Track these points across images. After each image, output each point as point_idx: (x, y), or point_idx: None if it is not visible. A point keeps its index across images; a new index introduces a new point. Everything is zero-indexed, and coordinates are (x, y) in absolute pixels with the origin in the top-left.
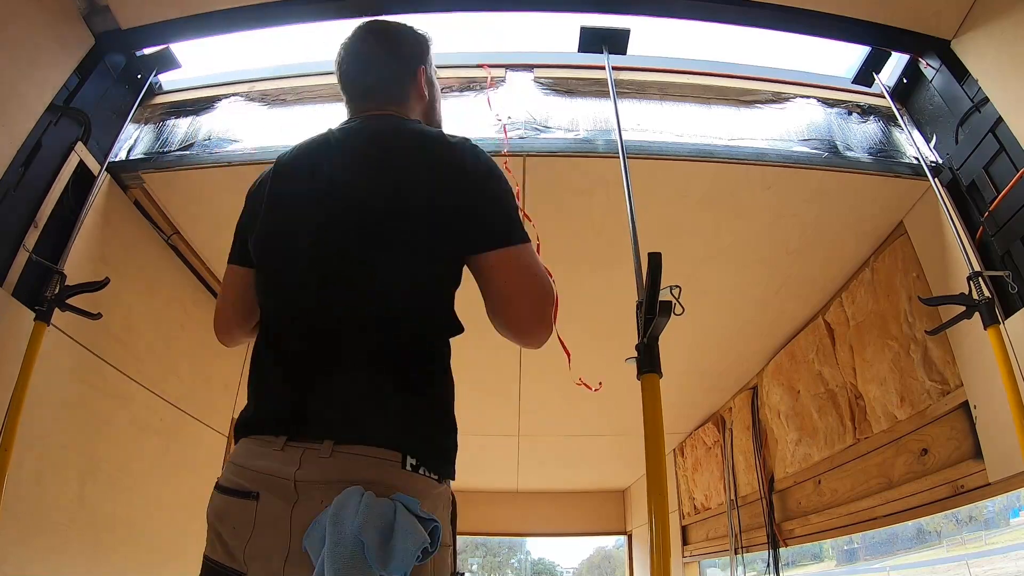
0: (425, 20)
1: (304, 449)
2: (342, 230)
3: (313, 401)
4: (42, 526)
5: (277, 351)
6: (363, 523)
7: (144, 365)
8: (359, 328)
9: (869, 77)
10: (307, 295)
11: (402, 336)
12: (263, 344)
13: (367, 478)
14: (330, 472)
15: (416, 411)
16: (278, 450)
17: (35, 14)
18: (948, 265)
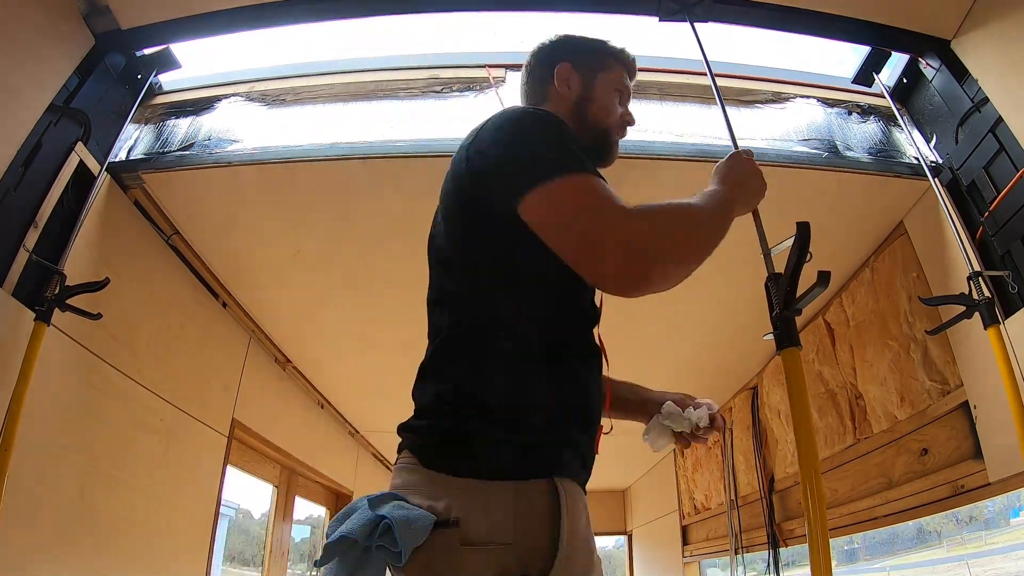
0: (425, 20)
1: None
2: None
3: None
4: (42, 526)
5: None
6: (335, 520)
7: (144, 365)
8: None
9: (869, 77)
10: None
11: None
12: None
13: (396, 484)
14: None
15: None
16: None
17: (35, 14)
18: (948, 265)
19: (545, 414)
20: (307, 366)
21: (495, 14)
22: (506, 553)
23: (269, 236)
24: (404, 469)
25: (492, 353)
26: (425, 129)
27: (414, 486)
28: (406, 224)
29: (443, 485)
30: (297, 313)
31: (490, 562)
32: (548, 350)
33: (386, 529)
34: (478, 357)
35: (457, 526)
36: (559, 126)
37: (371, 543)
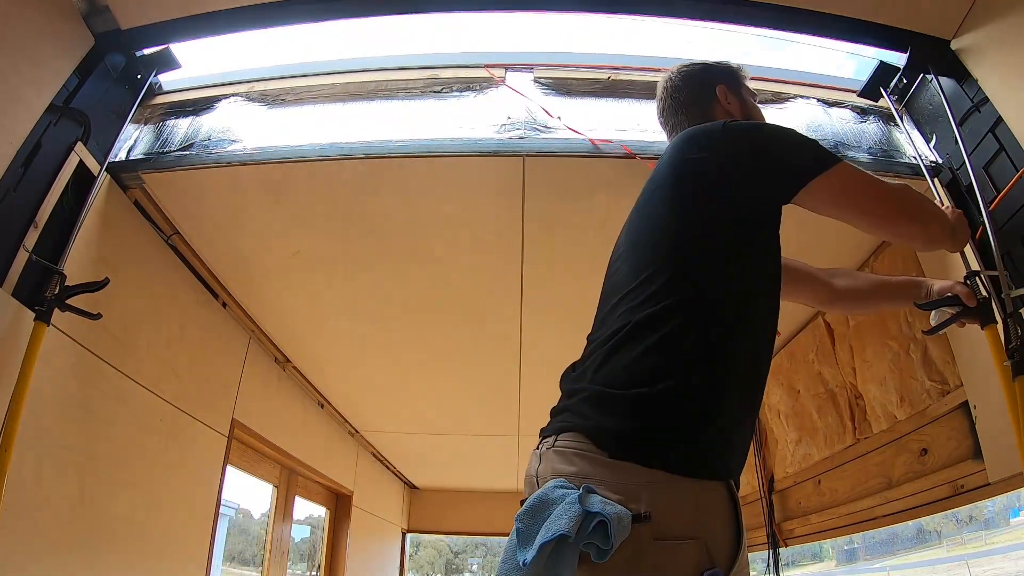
0: (425, 20)
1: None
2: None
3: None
4: (42, 526)
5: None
6: (525, 510)
7: (144, 365)
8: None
9: (876, 93)
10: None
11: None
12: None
13: (570, 471)
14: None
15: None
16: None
17: (35, 14)
18: (948, 265)
19: (737, 418)
20: (307, 366)
21: (495, 14)
22: (695, 548)
23: (269, 236)
24: (580, 456)
25: (702, 347)
26: (425, 129)
27: (599, 477)
28: (406, 224)
29: (632, 477)
30: (297, 313)
31: (682, 557)
32: (752, 355)
33: (599, 526)
34: (689, 349)
35: (649, 520)
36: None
37: (579, 541)
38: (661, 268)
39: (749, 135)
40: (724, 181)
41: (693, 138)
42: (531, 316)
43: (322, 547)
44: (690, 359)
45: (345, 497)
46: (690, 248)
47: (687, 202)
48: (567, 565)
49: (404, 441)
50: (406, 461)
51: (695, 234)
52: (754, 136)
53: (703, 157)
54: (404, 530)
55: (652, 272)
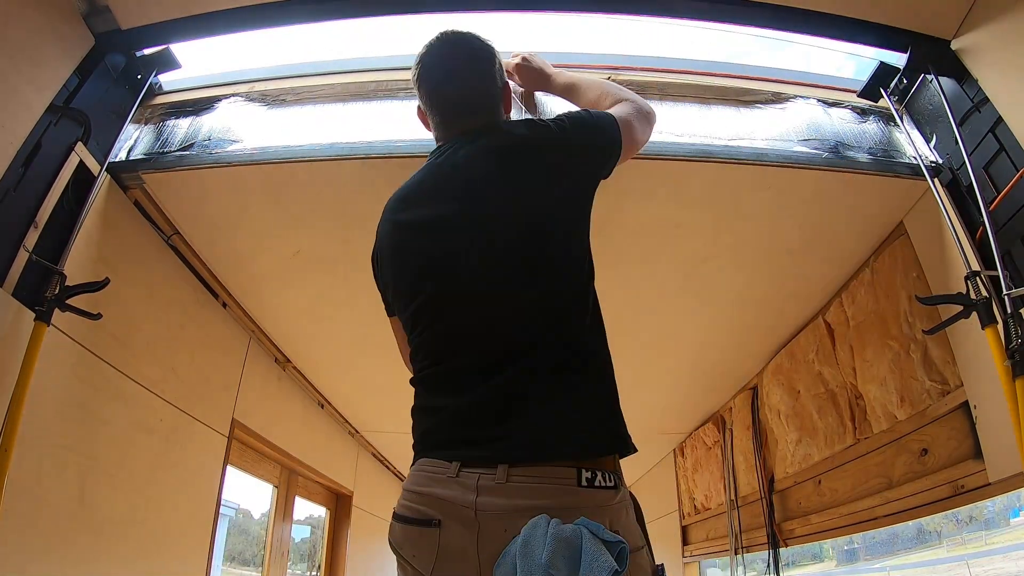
0: (425, 20)
1: (479, 476)
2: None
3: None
4: (42, 526)
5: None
6: (552, 554)
7: (144, 365)
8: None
9: (876, 93)
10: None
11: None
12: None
13: (546, 504)
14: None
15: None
16: (452, 476)
17: (35, 14)
18: (948, 265)
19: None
20: (307, 366)
21: (495, 14)
22: (646, 552)
23: (269, 236)
24: (547, 487)
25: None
26: (425, 129)
27: (574, 506)
28: None
29: (599, 500)
30: (297, 313)
31: (643, 563)
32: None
33: (620, 553)
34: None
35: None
36: None
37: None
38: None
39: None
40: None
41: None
42: None
43: (322, 547)
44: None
45: (345, 497)
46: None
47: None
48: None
49: (404, 441)
50: (406, 461)
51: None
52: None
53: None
54: None
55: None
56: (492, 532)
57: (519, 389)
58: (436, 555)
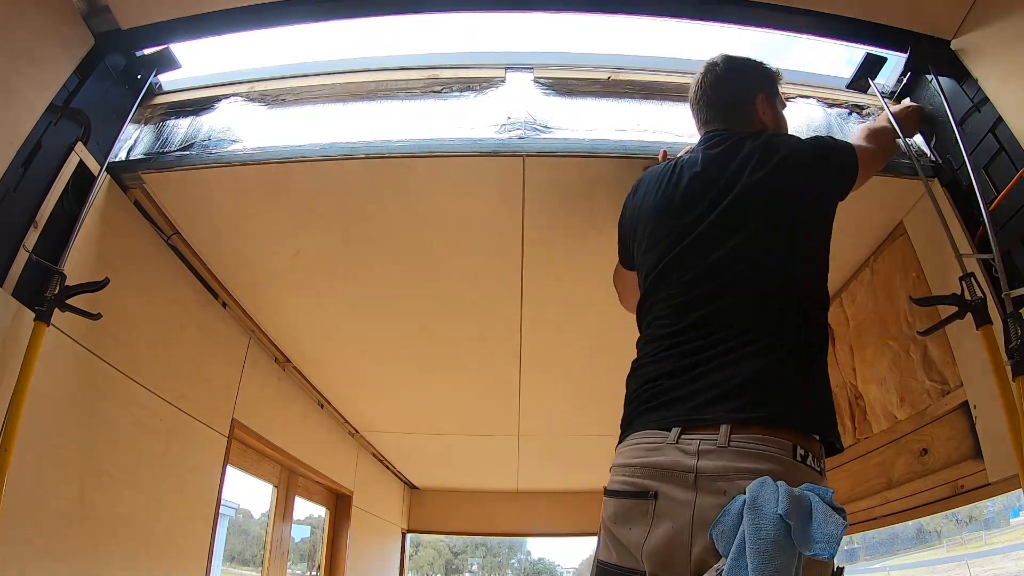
0: (425, 20)
1: (700, 441)
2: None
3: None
4: (42, 526)
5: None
6: (789, 507)
7: (144, 365)
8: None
9: (864, 84)
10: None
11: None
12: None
13: (768, 469)
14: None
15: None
16: (672, 443)
17: (35, 14)
18: (948, 265)
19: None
20: (307, 366)
21: (495, 14)
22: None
23: (269, 236)
24: (766, 457)
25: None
26: (425, 129)
27: (789, 477)
28: (406, 224)
29: (810, 479)
30: (297, 313)
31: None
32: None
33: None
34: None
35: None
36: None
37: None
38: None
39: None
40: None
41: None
42: (531, 316)
43: (322, 547)
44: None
45: (345, 497)
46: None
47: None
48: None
49: (404, 441)
50: (406, 461)
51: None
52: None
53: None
54: (404, 530)
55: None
56: (711, 493)
57: (749, 357)
58: (650, 525)
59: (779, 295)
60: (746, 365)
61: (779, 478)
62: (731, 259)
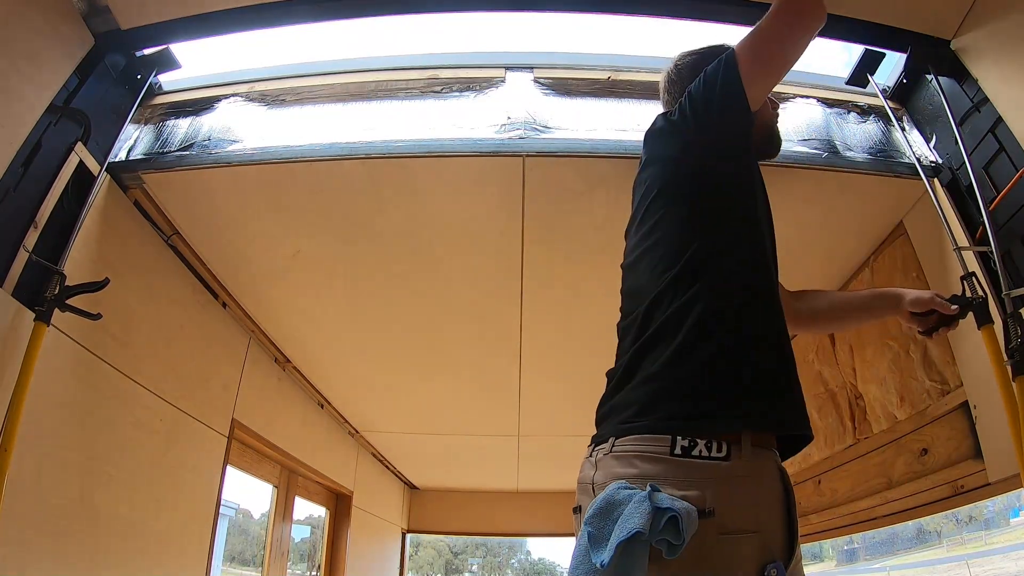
0: (425, 20)
1: (598, 451)
2: None
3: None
4: (42, 526)
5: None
6: (593, 513)
7: (144, 365)
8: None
9: (863, 79)
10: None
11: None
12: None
13: (630, 473)
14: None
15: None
16: (587, 457)
17: (34, 14)
18: (947, 265)
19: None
20: (307, 366)
21: (495, 14)
22: (757, 541)
23: (269, 236)
24: (641, 457)
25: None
26: (425, 129)
27: (663, 475)
28: (406, 224)
29: (695, 472)
30: (297, 313)
31: (744, 551)
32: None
33: (670, 522)
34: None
35: (713, 515)
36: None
37: (652, 538)
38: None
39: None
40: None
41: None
42: (531, 315)
43: (322, 547)
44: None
45: (345, 497)
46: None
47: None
48: (640, 563)
49: (404, 441)
50: (406, 461)
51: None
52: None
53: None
54: (404, 530)
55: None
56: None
57: (621, 362)
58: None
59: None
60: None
61: (639, 481)
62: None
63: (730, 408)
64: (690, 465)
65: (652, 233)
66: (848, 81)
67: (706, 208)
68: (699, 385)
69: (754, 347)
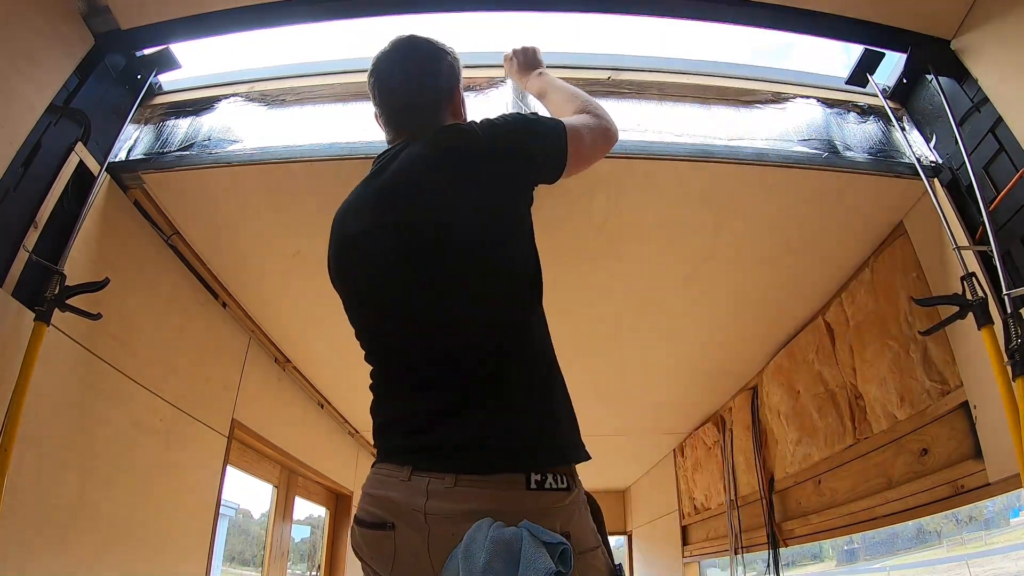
0: (425, 20)
1: (429, 480)
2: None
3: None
4: (42, 526)
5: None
6: (490, 557)
7: (144, 365)
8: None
9: (863, 78)
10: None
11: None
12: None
13: (491, 508)
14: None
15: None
16: (404, 480)
17: (35, 15)
18: (947, 265)
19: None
20: (307, 366)
21: (494, 14)
22: (601, 552)
23: (269, 236)
24: (493, 492)
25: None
26: None
27: (519, 509)
28: None
29: (547, 502)
30: (297, 313)
31: (597, 563)
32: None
33: (563, 555)
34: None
35: (571, 539)
36: None
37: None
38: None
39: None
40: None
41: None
42: None
43: (322, 547)
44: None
45: (345, 497)
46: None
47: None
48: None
49: None
50: None
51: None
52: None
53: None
54: None
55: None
56: (441, 536)
57: (456, 400)
58: (394, 557)
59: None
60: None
61: (503, 516)
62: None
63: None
64: (543, 497)
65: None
66: (848, 81)
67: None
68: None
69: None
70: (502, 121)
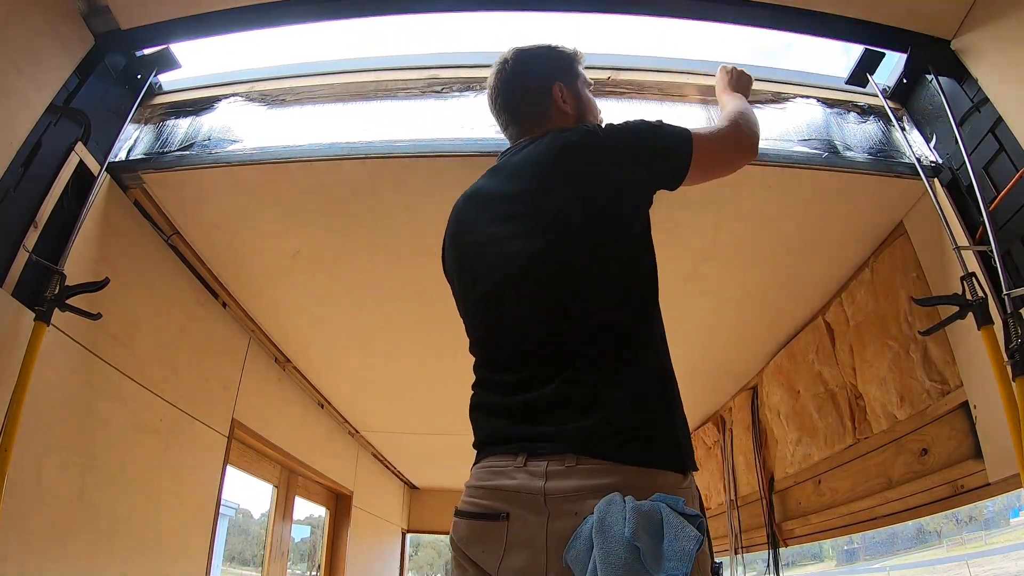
0: (425, 20)
1: (548, 462)
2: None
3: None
4: (42, 526)
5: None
6: (635, 527)
7: (144, 365)
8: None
9: (863, 78)
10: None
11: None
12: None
13: (618, 482)
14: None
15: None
16: (520, 467)
17: (35, 14)
18: (947, 265)
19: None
20: (307, 366)
21: (495, 14)
22: (707, 540)
23: (269, 236)
24: (611, 471)
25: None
26: (425, 129)
27: (643, 484)
28: (406, 224)
29: (671, 481)
30: (297, 313)
31: (709, 547)
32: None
33: (699, 528)
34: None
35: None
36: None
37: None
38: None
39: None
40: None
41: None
42: None
43: (322, 547)
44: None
45: (345, 497)
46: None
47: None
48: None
49: (404, 441)
50: (406, 461)
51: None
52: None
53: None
54: (404, 530)
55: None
56: (562, 515)
57: (575, 390)
58: (504, 548)
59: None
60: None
61: (629, 491)
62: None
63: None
64: (665, 475)
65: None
66: (848, 81)
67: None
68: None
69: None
70: (625, 125)
